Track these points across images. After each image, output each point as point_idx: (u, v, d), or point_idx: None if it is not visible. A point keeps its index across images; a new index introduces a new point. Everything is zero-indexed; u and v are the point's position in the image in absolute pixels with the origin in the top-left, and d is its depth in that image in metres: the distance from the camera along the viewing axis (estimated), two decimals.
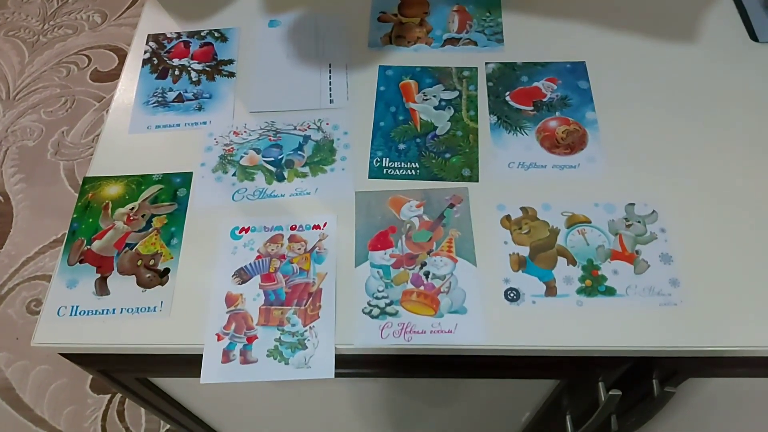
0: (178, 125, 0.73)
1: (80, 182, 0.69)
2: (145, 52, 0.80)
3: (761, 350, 0.56)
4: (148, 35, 0.82)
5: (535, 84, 0.73)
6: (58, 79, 2.03)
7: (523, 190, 0.65)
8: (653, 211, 0.63)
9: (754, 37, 0.75)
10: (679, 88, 0.72)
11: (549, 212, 0.64)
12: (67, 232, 0.66)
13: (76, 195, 0.68)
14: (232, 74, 0.77)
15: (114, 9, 2.20)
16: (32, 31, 2.17)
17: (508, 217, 0.64)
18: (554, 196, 0.65)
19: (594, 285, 0.59)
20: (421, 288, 0.59)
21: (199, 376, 0.56)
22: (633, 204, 0.63)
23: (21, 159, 1.86)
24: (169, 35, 0.81)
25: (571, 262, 0.60)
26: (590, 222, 0.63)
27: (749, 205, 0.63)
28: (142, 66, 0.78)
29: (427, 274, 0.60)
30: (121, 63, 0.80)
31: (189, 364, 0.59)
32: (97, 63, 2.05)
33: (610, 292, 0.58)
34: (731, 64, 0.74)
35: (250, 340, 0.57)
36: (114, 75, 2.01)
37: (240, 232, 0.64)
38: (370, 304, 0.59)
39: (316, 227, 0.64)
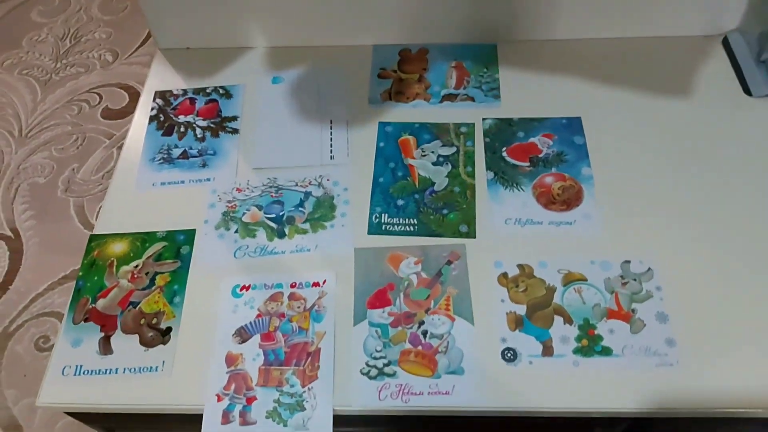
0: (183, 182, 0.74)
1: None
2: (152, 109, 0.82)
3: (758, 412, 0.56)
4: (156, 92, 0.84)
5: (532, 140, 0.75)
6: (70, 117, 2.07)
7: (519, 247, 0.66)
8: (649, 269, 0.64)
9: (747, 91, 0.77)
10: (674, 142, 0.73)
11: (545, 270, 0.64)
12: (73, 285, 0.67)
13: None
14: (235, 131, 0.79)
15: (125, 48, 2.26)
16: (45, 70, 2.23)
17: (505, 274, 0.64)
18: (550, 253, 0.65)
19: (590, 345, 0.59)
20: (419, 348, 0.60)
21: None
22: (629, 261, 0.64)
23: (32, 196, 1.89)
24: (175, 92, 0.84)
25: (568, 321, 0.61)
26: (586, 280, 0.63)
27: (746, 262, 0.63)
28: (149, 123, 0.81)
29: (425, 333, 0.61)
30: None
31: (191, 422, 0.59)
32: (108, 101, 2.10)
33: (607, 352, 0.59)
34: (726, 119, 0.75)
35: (250, 401, 0.58)
36: (124, 113, 2.05)
37: (241, 290, 0.65)
38: (368, 365, 0.59)
39: (316, 284, 0.65)
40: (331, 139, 0.77)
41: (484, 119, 0.77)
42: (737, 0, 0.79)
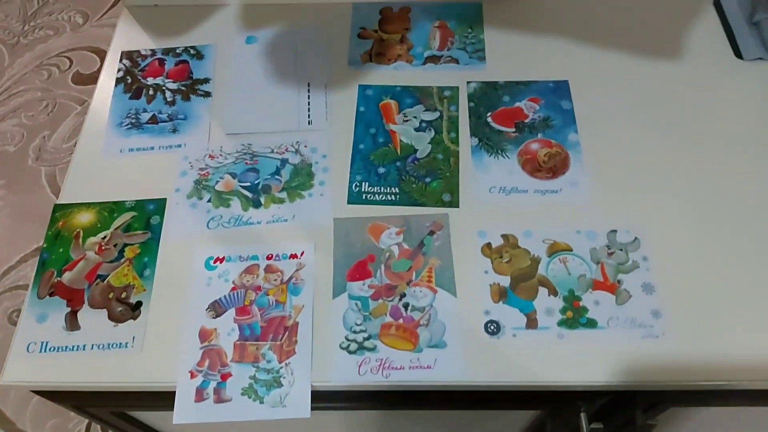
0: (152, 148, 0.71)
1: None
2: (119, 71, 0.78)
3: (743, 384, 0.55)
4: (122, 52, 0.79)
5: (517, 104, 0.72)
6: (39, 82, 1.99)
7: (504, 216, 0.64)
8: (635, 238, 0.62)
9: (738, 54, 0.74)
10: (663, 107, 0.71)
11: (530, 240, 0.62)
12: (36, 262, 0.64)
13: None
14: (208, 94, 0.75)
15: (95, 9, 2.16)
16: (12, 33, 2.13)
17: (488, 245, 0.62)
18: (536, 222, 0.63)
19: (575, 317, 0.58)
20: (400, 321, 0.58)
21: None
22: (615, 231, 0.62)
23: (2, 165, 1.82)
24: (143, 52, 0.79)
25: (552, 292, 0.59)
26: (572, 250, 0.62)
27: (736, 231, 0.62)
28: (116, 85, 0.76)
29: (406, 306, 0.59)
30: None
31: (164, 398, 0.57)
32: (79, 65, 2.02)
33: (592, 324, 0.58)
34: (716, 83, 0.72)
35: (225, 377, 0.56)
36: (96, 78, 1.97)
37: (215, 263, 0.62)
38: (347, 339, 0.57)
39: (293, 256, 0.62)
40: (309, 103, 0.73)
41: (468, 83, 0.74)
42: None
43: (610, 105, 0.71)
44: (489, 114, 0.71)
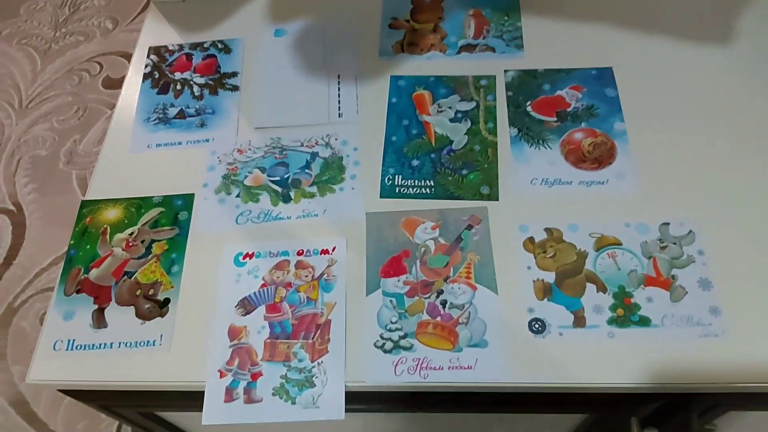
0: (180, 143, 0.69)
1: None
2: (146, 66, 0.76)
3: None
4: (150, 48, 0.78)
5: (558, 93, 0.68)
6: (70, 87, 2.02)
7: (547, 210, 0.60)
8: (690, 232, 0.58)
9: None
10: (713, 94, 0.66)
11: (576, 234, 0.59)
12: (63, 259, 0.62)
13: None
14: (236, 88, 0.73)
15: (125, 15, 2.18)
16: (44, 39, 2.17)
17: (531, 239, 0.59)
18: (581, 215, 0.60)
19: (626, 314, 0.54)
20: (438, 319, 0.55)
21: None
22: (668, 224, 0.58)
23: (33, 168, 1.85)
24: (171, 47, 0.78)
25: (601, 288, 0.55)
26: (621, 244, 0.58)
27: None
28: (143, 81, 0.75)
29: (444, 304, 0.56)
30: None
31: (193, 398, 0.55)
32: (109, 70, 2.04)
33: (645, 322, 0.54)
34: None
35: (255, 377, 0.53)
36: None
37: (244, 258, 0.60)
38: (382, 337, 0.54)
39: (325, 252, 0.60)
40: (339, 95, 0.71)
41: (506, 71, 0.71)
42: None
43: (658, 93, 0.67)
44: (528, 103, 0.68)
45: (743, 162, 0.61)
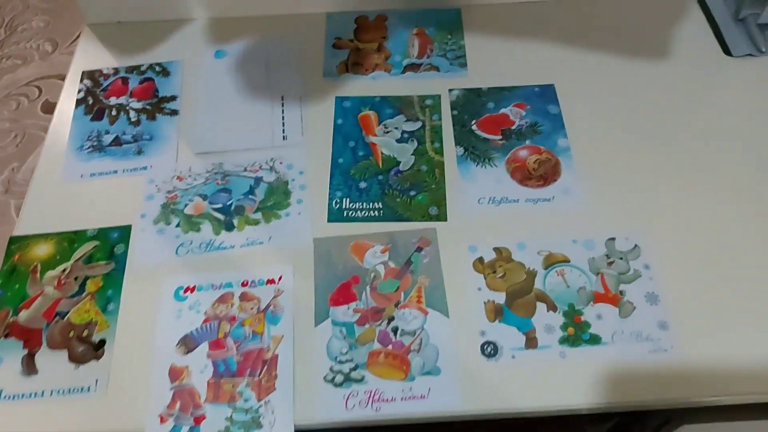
0: (116, 172, 0.66)
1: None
2: (79, 92, 0.73)
3: (761, 397, 0.51)
4: (83, 72, 0.75)
5: (503, 110, 0.68)
6: (8, 113, 1.93)
7: (495, 229, 0.60)
8: (635, 246, 0.58)
9: (727, 51, 0.72)
10: (654, 108, 0.68)
11: (524, 252, 0.58)
12: None
13: None
14: (175, 112, 0.70)
15: (65, 37, 2.11)
16: None
17: (480, 259, 0.58)
18: (529, 233, 0.59)
19: (577, 333, 0.54)
20: (389, 347, 0.54)
21: None
22: (613, 239, 0.59)
23: None
24: (105, 71, 0.74)
25: (552, 307, 0.55)
26: (569, 261, 0.58)
27: (739, 231, 0.58)
28: (76, 107, 0.72)
29: (395, 330, 0.54)
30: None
31: None
32: (48, 94, 1.96)
33: (595, 340, 0.53)
34: (707, 81, 0.70)
35: (198, 420, 0.50)
36: None
37: (185, 292, 0.57)
38: (332, 370, 0.52)
39: (271, 282, 0.58)
40: (283, 117, 0.69)
41: (450, 90, 0.70)
42: None
43: (599, 108, 0.68)
44: (473, 122, 0.68)
45: (684, 175, 0.62)
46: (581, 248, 0.58)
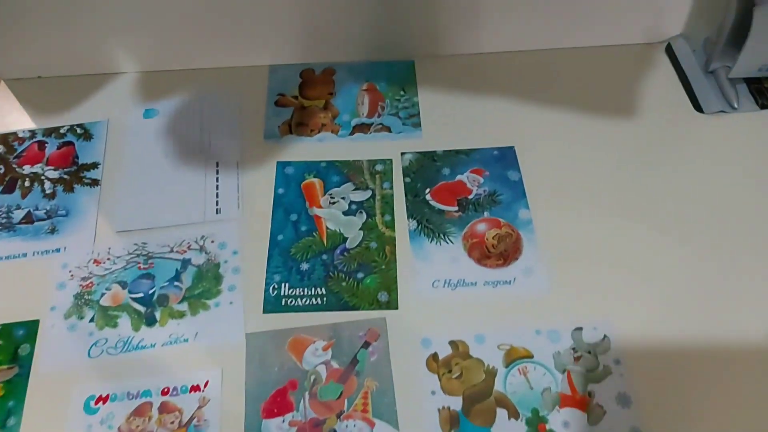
0: (25, 255, 0.58)
1: None
2: None
3: None
4: None
5: (459, 177, 0.63)
6: None
7: (451, 318, 0.54)
8: (604, 337, 0.53)
9: (698, 107, 0.67)
10: (622, 172, 0.62)
11: (483, 346, 0.52)
12: None
13: None
14: (95, 182, 0.63)
15: None
16: None
17: (434, 356, 0.52)
18: (488, 323, 0.53)
19: None
20: None
21: None
22: (580, 329, 0.53)
23: None
24: (21, 134, 0.67)
25: (513, 414, 0.49)
26: (532, 356, 0.52)
27: (722, 318, 0.53)
28: None
29: None
30: None
31: None
32: None
33: None
34: (678, 141, 0.65)
35: None
36: None
37: (96, 403, 0.50)
38: None
39: (195, 389, 0.50)
40: (218, 187, 0.62)
41: (403, 154, 0.64)
42: (679, 0, 0.70)
43: (563, 173, 0.62)
44: (428, 191, 0.62)
45: (660, 248, 0.57)
46: (545, 340, 0.52)
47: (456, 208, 0.60)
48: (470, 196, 0.61)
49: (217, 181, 0.63)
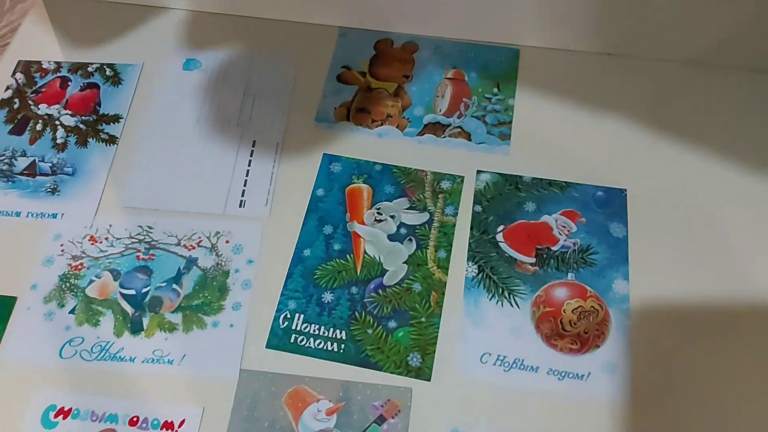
0: (18, 214, 0.50)
1: None
2: (7, 88, 0.57)
3: None
4: (19, 62, 0.58)
5: (545, 219, 0.49)
6: None
7: (496, 408, 0.42)
8: None
9: None
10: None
11: None
12: None
13: None
14: (113, 139, 0.54)
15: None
16: None
17: None
18: (543, 425, 0.41)
19: None
20: None
21: None
22: None
23: None
24: (45, 65, 0.58)
25: None
26: None
27: None
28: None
29: None
30: None
31: None
32: None
33: None
34: None
35: None
36: None
37: (56, 416, 0.42)
38: None
39: (168, 426, 0.42)
40: (248, 173, 0.51)
41: (479, 172, 0.51)
42: None
43: (690, 238, 0.47)
44: (501, 228, 0.48)
45: None
46: None
47: (533, 260, 0.47)
48: (555, 248, 0.47)
49: (249, 165, 0.52)
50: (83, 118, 0.55)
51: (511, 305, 0.45)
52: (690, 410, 0.41)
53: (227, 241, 0.48)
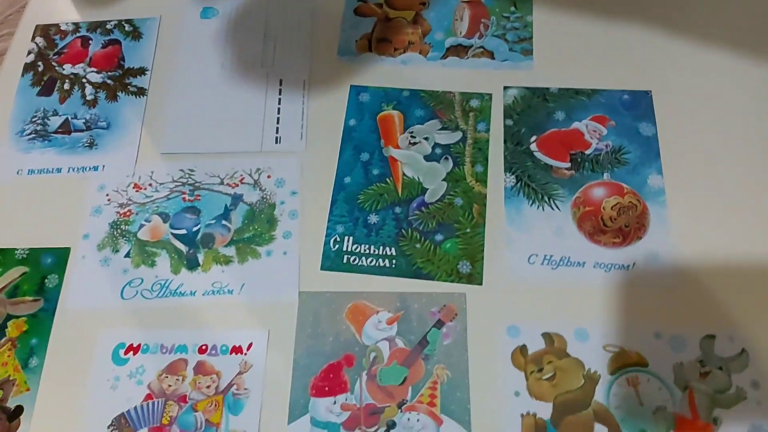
0: (60, 170, 0.51)
1: None
2: (29, 53, 0.57)
3: None
4: (36, 26, 0.59)
5: (576, 125, 0.50)
6: None
7: (548, 304, 0.44)
8: (743, 351, 0.41)
9: None
10: None
11: (585, 345, 0.42)
12: None
13: None
14: (142, 91, 0.54)
15: None
16: None
17: (523, 349, 0.42)
18: (594, 316, 0.43)
19: None
20: None
21: None
22: (713, 337, 0.42)
23: None
24: (63, 27, 0.58)
25: None
26: (647, 365, 0.41)
27: None
28: (23, 74, 0.56)
29: None
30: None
31: None
32: None
33: None
34: None
35: None
36: None
37: (126, 353, 0.44)
38: None
39: (237, 350, 0.43)
40: (279, 111, 0.52)
41: (506, 88, 0.52)
42: None
43: (716, 132, 0.49)
44: (534, 138, 0.50)
45: None
46: (665, 347, 0.42)
47: (568, 165, 0.48)
48: (588, 151, 0.49)
49: (279, 103, 0.53)
50: (109, 73, 0.55)
51: (552, 208, 0.47)
52: (732, 293, 0.43)
53: (269, 176, 0.50)
